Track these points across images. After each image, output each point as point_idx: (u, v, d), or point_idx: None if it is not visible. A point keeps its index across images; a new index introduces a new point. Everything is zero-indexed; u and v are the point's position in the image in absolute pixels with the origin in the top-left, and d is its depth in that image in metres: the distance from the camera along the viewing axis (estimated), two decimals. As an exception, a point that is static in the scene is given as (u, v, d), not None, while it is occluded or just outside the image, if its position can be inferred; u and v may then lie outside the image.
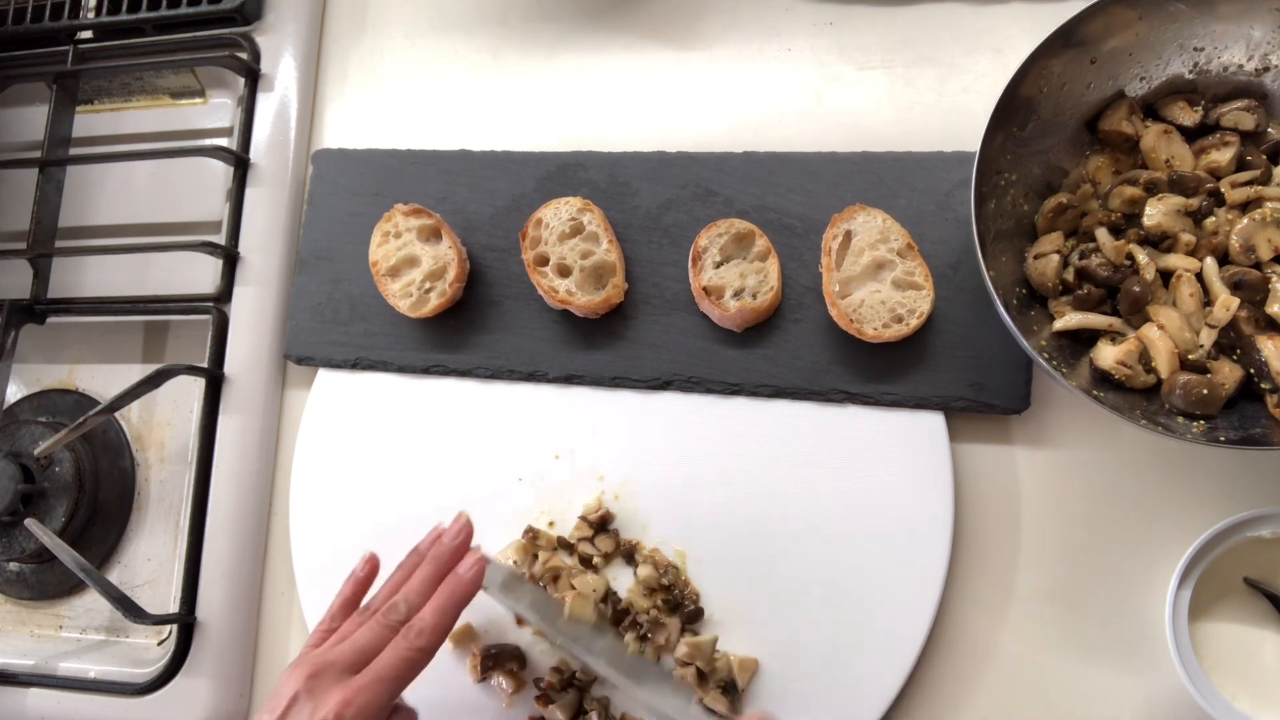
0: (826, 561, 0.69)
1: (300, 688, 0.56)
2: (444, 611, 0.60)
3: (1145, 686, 0.65)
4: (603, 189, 0.78)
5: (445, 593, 0.61)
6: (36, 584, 0.86)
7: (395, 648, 0.58)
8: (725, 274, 0.72)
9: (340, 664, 0.58)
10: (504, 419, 0.77)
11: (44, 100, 0.92)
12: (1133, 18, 0.64)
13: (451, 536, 0.65)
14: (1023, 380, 0.69)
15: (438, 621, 0.60)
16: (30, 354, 0.91)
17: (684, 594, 0.70)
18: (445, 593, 0.61)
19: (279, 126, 0.87)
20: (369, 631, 0.60)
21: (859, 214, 0.71)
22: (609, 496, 0.74)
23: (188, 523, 0.79)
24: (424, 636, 0.59)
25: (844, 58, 0.79)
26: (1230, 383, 0.61)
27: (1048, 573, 0.68)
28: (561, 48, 0.85)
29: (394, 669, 0.58)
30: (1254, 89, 0.67)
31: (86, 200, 0.93)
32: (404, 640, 0.59)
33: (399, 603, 0.61)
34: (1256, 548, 0.63)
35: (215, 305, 0.84)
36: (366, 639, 0.59)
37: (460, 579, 0.62)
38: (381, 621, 0.60)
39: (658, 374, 0.74)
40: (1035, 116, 0.66)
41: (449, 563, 0.63)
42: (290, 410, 0.84)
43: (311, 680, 0.56)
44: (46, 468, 0.83)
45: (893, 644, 0.67)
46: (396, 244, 0.78)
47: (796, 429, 0.72)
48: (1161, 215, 0.64)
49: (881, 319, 0.69)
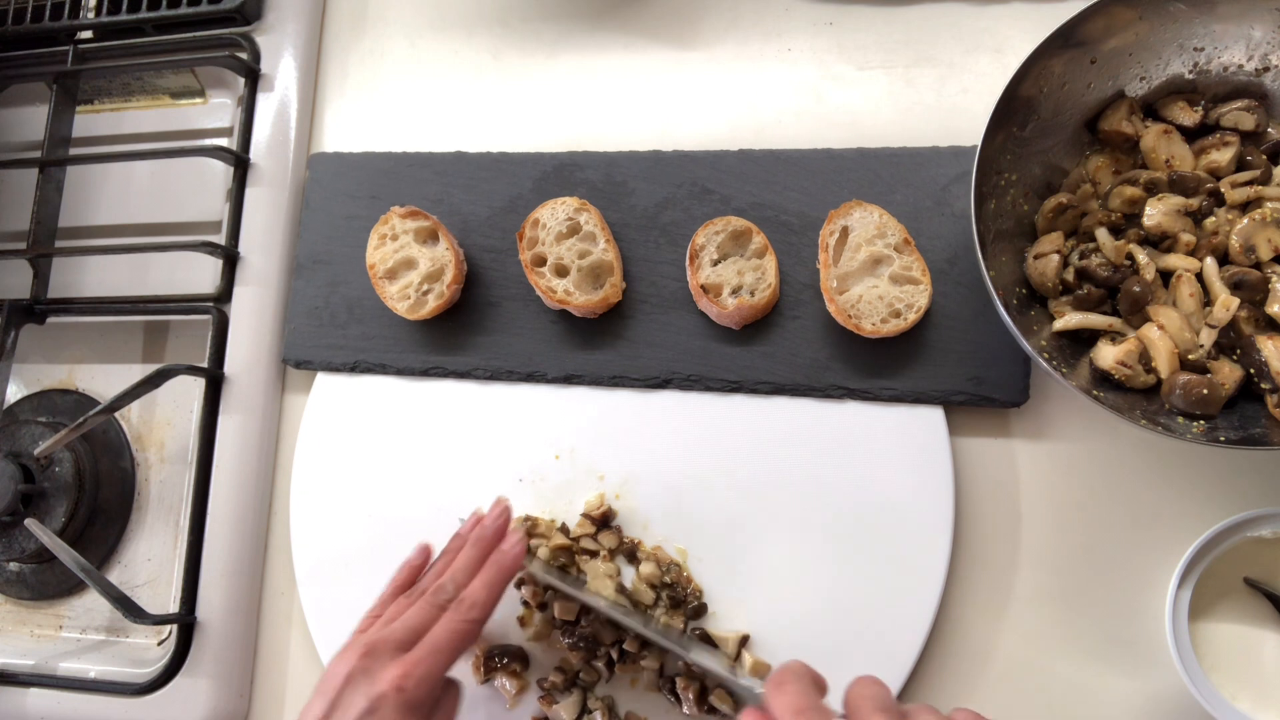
0: (827, 557, 0.69)
1: (355, 666, 0.57)
2: (492, 585, 0.63)
3: (1145, 687, 0.65)
4: (599, 189, 0.78)
5: (493, 568, 0.64)
6: (36, 584, 0.86)
7: (448, 621, 0.60)
8: (723, 272, 0.72)
9: (393, 641, 0.59)
10: (503, 420, 0.77)
11: (44, 100, 0.92)
12: (1133, 18, 0.63)
13: (492, 520, 0.67)
14: (1021, 373, 0.68)
15: (488, 595, 0.62)
16: (30, 354, 0.91)
17: (687, 591, 0.70)
18: (493, 568, 0.64)
19: (279, 126, 0.87)
20: (419, 611, 0.61)
21: (856, 210, 0.71)
22: (609, 496, 0.74)
23: (188, 523, 0.79)
24: (475, 609, 0.61)
25: (844, 58, 0.79)
26: (1230, 383, 0.61)
27: (1048, 572, 0.68)
28: (561, 48, 0.85)
29: (449, 640, 0.59)
30: (1254, 89, 0.67)
31: (86, 200, 0.93)
32: (455, 614, 0.60)
33: (446, 583, 0.62)
34: (1256, 548, 0.63)
35: (215, 305, 0.84)
36: (418, 618, 0.60)
37: (505, 554, 0.65)
38: (430, 601, 0.62)
39: (657, 373, 0.74)
40: (1035, 116, 0.66)
41: (491, 543, 0.66)
42: (290, 410, 0.84)
43: (366, 659, 0.57)
44: (46, 468, 0.83)
45: (893, 643, 0.67)
46: (394, 246, 0.78)
47: (796, 425, 0.72)
48: (1161, 215, 0.64)
49: (880, 314, 0.69)
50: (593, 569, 0.71)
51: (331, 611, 0.76)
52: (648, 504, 0.73)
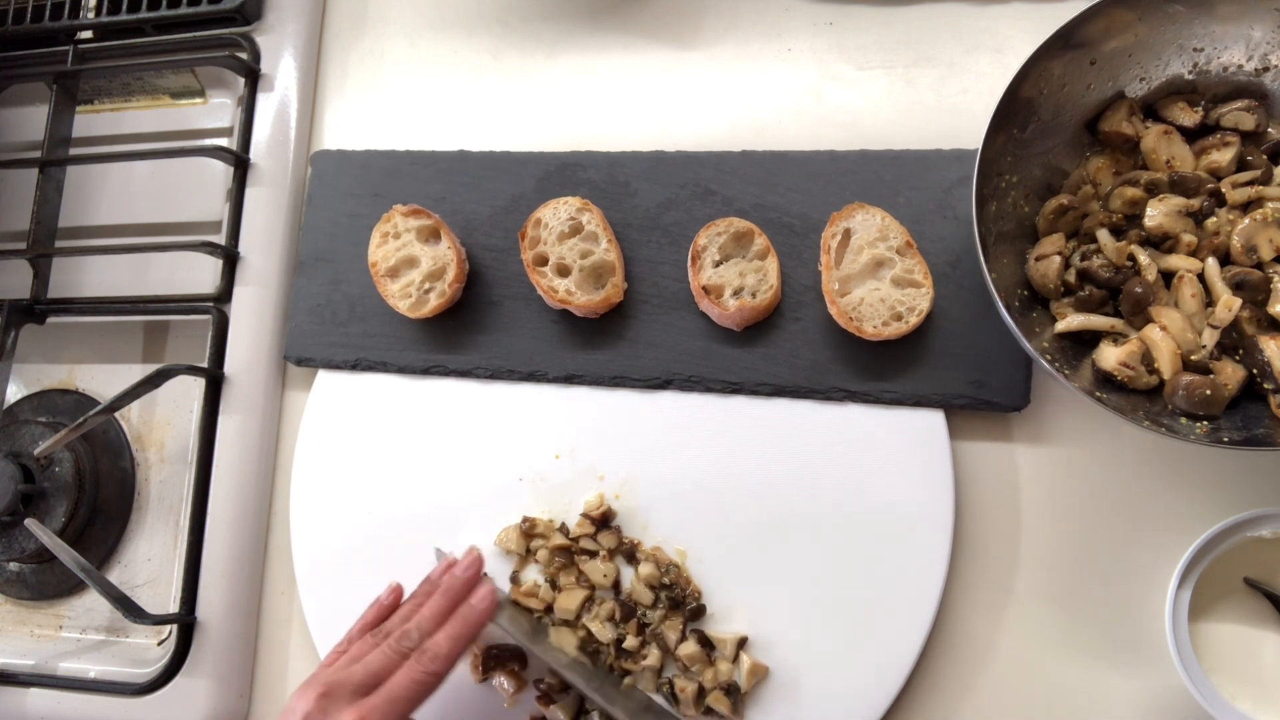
0: (827, 560, 0.69)
1: (312, 707, 0.57)
2: (456, 639, 0.62)
3: (1145, 687, 0.65)
4: (602, 189, 0.78)
5: (459, 621, 0.63)
6: (36, 584, 0.86)
7: (408, 670, 0.60)
8: (724, 273, 0.72)
9: (352, 684, 0.59)
10: (504, 419, 0.77)
11: (44, 100, 0.92)
12: (1132, 19, 0.63)
13: (463, 568, 0.67)
14: (1022, 378, 0.68)
15: (450, 648, 0.62)
16: (30, 354, 0.91)
17: (686, 592, 0.70)
18: (459, 621, 0.63)
19: (279, 126, 0.87)
20: (382, 655, 0.61)
21: (858, 212, 0.71)
22: (609, 496, 0.74)
23: (188, 523, 0.79)
24: (437, 662, 0.61)
25: (844, 58, 0.79)
26: (1233, 383, 0.61)
27: (1048, 573, 0.68)
28: (561, 48, 0.85)
29: (406, 690, 0.59)
30: (1254, 89, 0.67)
31: (86, 200, 0.93)
32: (417, 664, 0.60)
33: (411, 630, 0.62)
34: (1256, 548, 0.63)
35: (215, 305, 0.84)
36: (379, 662, 0.61)
37: (474, 608, 0.65)
38: (394, 647, 0.62)
39: (657, 373, 0.74)
40: (1035, 118, 0.66)
41: (460, 594, 0.66)
42: (290, 410, 0.84)
43: (323, 700, 0.57)
44: (46, 468, 0.83)
45: (893, 644, 0.67)
46: (396, 245, 0.78)
47: (796, 427, 0.72)
48: (1163, 216, 0.64)
49: (881, 317, 0.69)
50: (591, 569, 0.71)
51: (331, 611, 0.76)
52: (647, 504, 0.73)
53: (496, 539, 0.74)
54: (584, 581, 0.72)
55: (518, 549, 0.73)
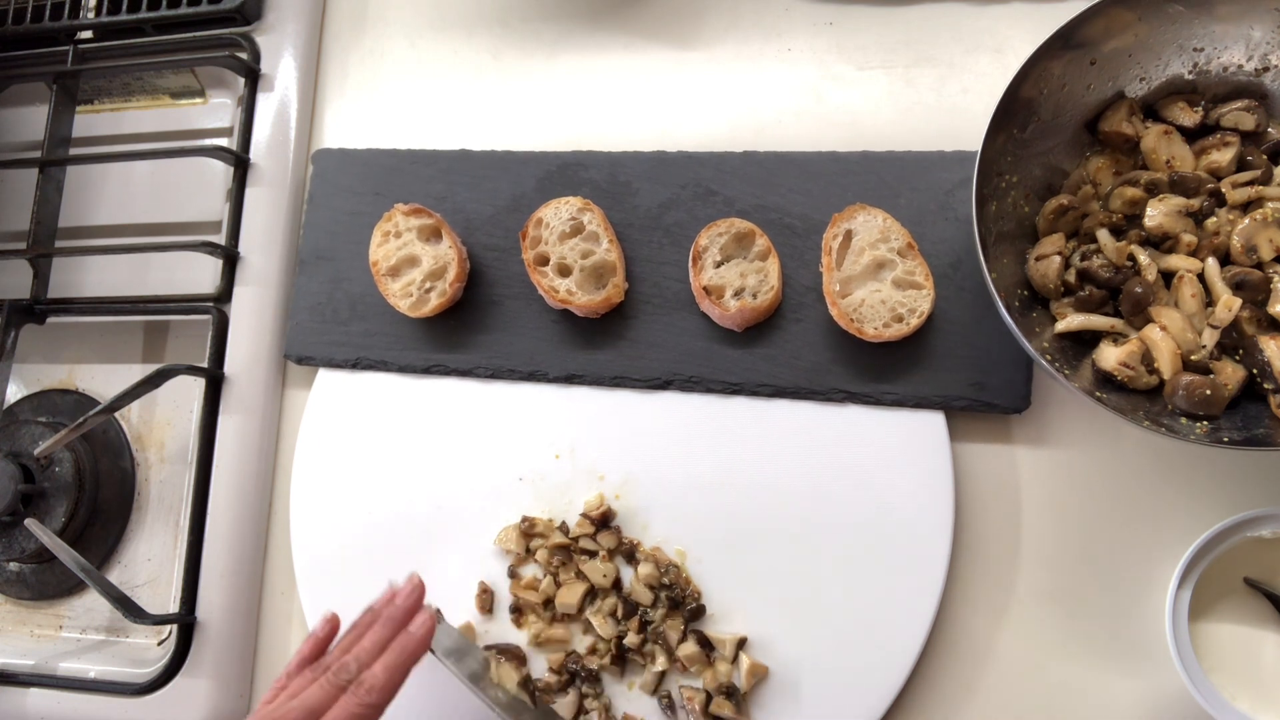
0: (827, 561, 0.69)
1: None
2: (393, 669, 0.61)
3: (1145, 687, 0.65)
4: (603, 189, 0.78)
5: (396, 650, 0.62)
6: (36, 584, 0.86)
7: (344, 704, 0.59)
8: (726, 274, 0.72)
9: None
10: (504, 419, 0.77)
11: (44, 100, 0.92)
12: (1132, 19, 0.64)
13: (404, 597, 0.66)
14: (1023, 379, 0.69)
15: (388, 679, 0.61)
16: (30, 354, 0.91)
17: (685, 592, 0.70)
18: (396, 650, 0.62)
19: (279, 126, 0.87)
20: (319, 690, 0.60)
21: (859, 213, 0.71)
22: (609, 496, 0.74)
23: (188, 523, 0.79)
24: (374, 693, 0.60)
25: (844, 58, 0.79)
26: (1233, 383, 0.61)
27: (1048, 573, 0.68)
28: (561, 48, 0.85)
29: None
30: (1254, 89, 0.67)
31: (86, 200, 0.93)
32: (353, 696, 0.59)
33: (350, 662, 0.62)
34: (1256, 548, 0.63)
35: (215, 305, 0.84)
36: (316, 698, 0.60)
37: (411, 636, 0.64)
38: (332, 680, 0.61)
39: (658, 374, 0.74)
40: (1035, 118, 0.66)
41: (400, 623, 0.65)
42: (290, 410, 0.84)
43: None
44: (46, 468, 0.83)
45: (893, 644, 0.67)
46: (397, 244, 0.78)
47: (797, 428, 0.72)
48: (1163, 216, 0.64)
49: (882, 318, 0.69)
50: (591, 568, 0.71)
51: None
52: (647, 505, 0.73)
53: (496, 538, 0.74)
54: (583, 580, 0.72)
55: (517, 549, 0.73)
